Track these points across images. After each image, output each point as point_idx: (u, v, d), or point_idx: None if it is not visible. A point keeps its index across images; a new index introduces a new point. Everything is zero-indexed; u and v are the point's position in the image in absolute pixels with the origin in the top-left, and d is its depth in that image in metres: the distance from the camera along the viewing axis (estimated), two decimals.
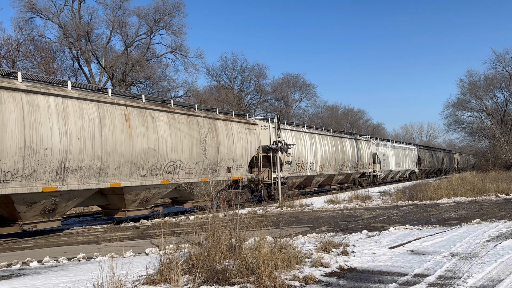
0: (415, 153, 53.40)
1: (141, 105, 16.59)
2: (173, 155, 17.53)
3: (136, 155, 15.89)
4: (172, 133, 17.53)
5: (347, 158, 33.78)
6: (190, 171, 18.55)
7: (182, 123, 18.25)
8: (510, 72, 55.18)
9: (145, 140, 16.25)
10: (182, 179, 17.90)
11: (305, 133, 28.33)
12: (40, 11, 37.45)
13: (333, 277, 6.81)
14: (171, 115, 17.80)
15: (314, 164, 28.76)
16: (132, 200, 16.42)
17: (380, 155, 40.55)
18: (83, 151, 14.01)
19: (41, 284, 6.97)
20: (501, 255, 7.81)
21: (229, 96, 55.99)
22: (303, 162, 27.25)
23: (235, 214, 8.19)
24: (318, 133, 30.46)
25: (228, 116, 21.70)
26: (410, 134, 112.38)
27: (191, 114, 18.97)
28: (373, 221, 13.98)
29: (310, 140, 28.72)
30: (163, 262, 6.63)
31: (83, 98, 14.29)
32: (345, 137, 34.80)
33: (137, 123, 16.12)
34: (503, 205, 17.05)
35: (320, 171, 29.42)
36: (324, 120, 69.45)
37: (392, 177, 46.62)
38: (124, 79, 40.52)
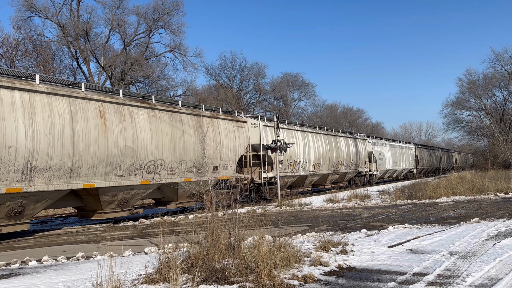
0: (413, 152, 52.68)
1: (119, 101, 15.65)
2: (154, 154, 16.71)
3: (112, 154, 15.03)
4: (153, 130, 16.71)
5: (341, 157, 33.01)
6: (173, 170, 17.74)
7: (164, 120, 17.39)
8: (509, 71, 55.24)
9: (122, 138, 15.39)
10: (164, 179, 17.26)
11: (297, 131, 27.53)
12: (39, 10, 37.42)
13: (332, 276, 6.81)
14: (152, 111, 16.95)
15: (307, 164, 28.05)
16: (108, 201, 15.64)
17: (376, 154, 39.81)
18: (52, 149, 13.12)
19: (40, 283, 6.97)
20: (500, 254, 7.81)
21: (228, 95, 55.99)
22: (295, 162, 26.55)
23: (234, 213, 8.18)
24: (311, 131, 29.68)
25: (214, 113, 20.87)
26: (409, 133, 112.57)
27: (174, 111, 18.09)
28: (372, 220, 13.99)
29: (303, 139, 27.98)
30: (162, 261, 6.63)
31: (52, 93, 13.37)
32: (339, 135, 34.07)
33: (114, 120, 15.23)
34: (502, 204, 17.07)
35: (313, 171, 28.74)
36: (323, 119, 69.48)
37: (389, 177, 45.96)
38: (123, 78, 40.48)
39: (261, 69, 59.78)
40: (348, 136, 35.71)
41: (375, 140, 41.85)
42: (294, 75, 66.05)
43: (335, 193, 24.29)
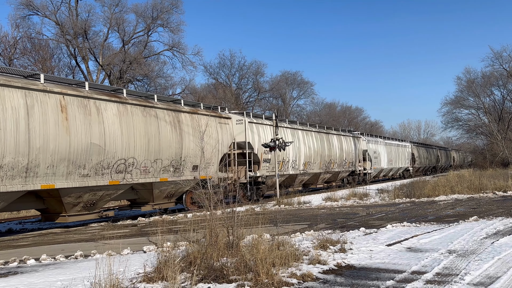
0: (409, 150, 51.96)
1: (84, 94, 14.53)
2: (125, 151, 15.61)
3: (75, 152, 13.90)
4: (123, 126, 15.61)
5: (334, 155, 32.02)
6: (147, 169, 16.67)
7: (136, 115, 16.30)
8: (507, 69, 55.29)
9: (87, 135, 14.29)
10: (137, 179, 16.26)
11: (286, 129, 26.42)
12: (37, 8, 37.35)
13: (331, 274, 6.81)
14: (122, 106, 15.79)
15: (297, 162, 27.01)
16: (73, 203, 14.56)
17: (371, 152, 38.86)
18: (4, 146, 12.04)
19: (38, 282, 6.96)
20: (498, 252, 7.82)
21: (227, 94, 55.96)
22: (284, 160, 25.50)
23: (233, 212, 8.18)
24: (301, 128, 28.55)
25: (195, 109, 19.82)
26: (407, 132, 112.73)
27: (148, 106, 17.01)
28: (371, 218, 13.99)
29: (292, 136, 26.94)
30: (160, 260, 6.62)
31: (4, 84, 12.27)
32: (332, 133, 32.90)
33: (77, 115, 14.09)
34: (500, 203, 17.09)
35: (303, 170, 27.79)
36: (322, 118, 69.53)
37: (385, 175, 45.23)
38: (121, 76, 40.44)
39: (260, 67, 59.90)
40: (341, 133, 34.62)
41: (370, 138, 40.81)
42: (293, 73, 66.17)
43: (333, 192, 24.31)
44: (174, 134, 17.93)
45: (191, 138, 18.84)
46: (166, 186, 17.90)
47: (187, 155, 18.59)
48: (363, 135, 40.40)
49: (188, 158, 18.61)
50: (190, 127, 18.95)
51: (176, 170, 18.02)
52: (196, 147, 18.94)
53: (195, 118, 19.41)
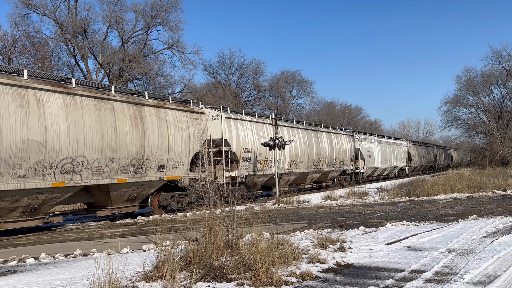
0: (405, 148, 50.21)
1: (20, 83, 12.82)
2: (72, 149, 13.84)
3: (7, 150, 12.23)
4: (70, 121, 13.81)
5: (323, 154, 30.21)
6: (101, 170, 14.94)
7: (88, 108, 14.54)
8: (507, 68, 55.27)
9: (23, 130, 12.61)
10: (88, 181, 14.50)
11: (268, 125, 24.60)
12: (36, 7, 37.28)
13: (330, 273, 6.81)
14: (70, 97, 13.99)
15: (281, 161, 25.25)
16: (9, 208, 12.83)
17: (364, 151, 37.22)
18: None
19: (37, 280, 6.95)
20: (497, 251, 7.82)
21: (227, 93, 55.94)
22: (266, 159, 23.81)
23: (232, 210, 8.17)
24: (286, 125, 26.62)
25: (161, 102, 18.03)
26: (407, 131, 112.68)
27: (103, 98, 15.19)
28: (370, 217, 14.00)
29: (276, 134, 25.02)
30: (160, 259, 6.62)
31: None
32: (321, 130, 31.11)
33: (11, 107, 12.40)
34: (499, 201, 17.10)
35: (289, 169, 25.95)
36: (321, 116, 69.50)
37: (379, 175, 43.47)
38: (121, 75, 40.40)
39: (260, 66, 59.82)
40: (331, 131, 32.86)
41: (363, 136, 39.11)
42: (292, 72, 66.07)
43: (333, 191, 24.32)
44: (135, 130, 16.21)
45: (156, 135, 17.12)
46: (126, 188, 16.20)
47: (151, 153, 16.87)
48: (356, 132, 38.82)
49: (152, 157, 16.93)
50: (156, 122, 17.18)
51: (138, 171, 16.33)
52: (163, 145, 17.35)
53: (161, 112, 17.65)
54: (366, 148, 38.07)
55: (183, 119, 18.78)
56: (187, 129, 18.90)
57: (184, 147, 18.58)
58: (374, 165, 39.70)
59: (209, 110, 21.05)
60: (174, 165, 18.10)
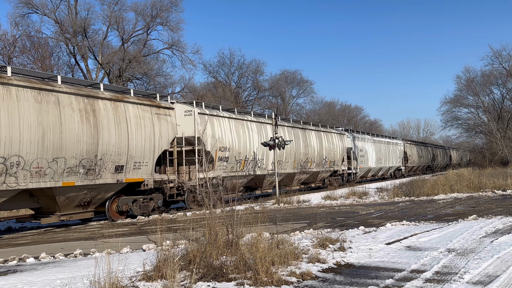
0: (401, 148, 48.68)
1: None
2: (5, 148, 12.24)
3: None
4: (2, 115, 12.23)
5: (312, 153, 28.47)
6: (42, 171, 13.23)
7: (25, 100, 12.84)
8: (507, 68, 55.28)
9: None
10: (25, 184, 12.81)
11: (250, 122, 23.04)
12: (36, 6, 37.28)
13: (330, 273, 6.81)
14: (3, 88, 12.41)
15: (264, 161, 23.71)
16: None
17: (357, 150, 35.71)
18: None
19: (37, 280, 6.96)
20: (497, 251, 7.83)
21: (227, 93, 55.94)
22: (246, 159, 22.19)
23: (232, 210, 8.18)
24: (269, 123, 24.68)
25: (120, 96, 16.10)
26: (407, 131, 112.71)
27: (45, 89, 13.53)
28: (370, 217, 14.00)
29: (258, 132, 23.43)
30: (160, 258, 6.62)
31: None
32: (309, 128, 29.34)
33: None
34: (499, 201, 17.10)
35: (272, 170, 24.16)
36: (321, 116, 69.51)
37: (373, 175, 41.86)
38: (121, 75, 40.41)
39: (260, 66, 59.80)
40: (321, 129, 31.07)
41: (355, 134, 37.45)
42: (292, 72, 66.07)
43: (333, 190, 24.33)
44: (85, 126, 14.44)
45: (112, 132, 15.33)
46: (75, 192, 14.49)
47: (106, 152, 15.10)
48: (348, 131, 36.86)
49: (107, 157, 15.17)
50: (112, 118, 15.39)
51: (90, 172, 14.56)
52: (121, 143, 15.62)
53: (120, 107, 15.83)
54: (359, 147, 36.63)
55: (147, 114, 17.06)
56: (151, 125, 17.16)
57: (148, 146, 16.87)
58: (368, 165, 38.18)
59: (181, 106, 19.48)
60: (135, 166, 16.37)
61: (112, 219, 16.04)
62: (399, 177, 45.48)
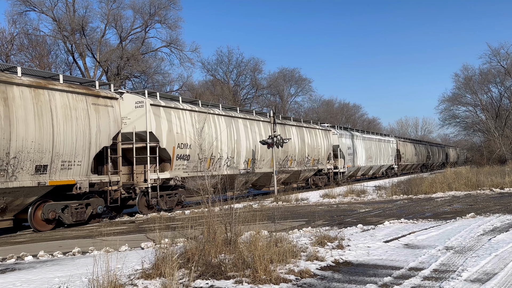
0: (394, 146, 46.48)
1: None
2: None
3: None
4: None
5: (292, 151, 26.06)
6: None
7: None
8: (505, 67, 55.35)
9: None
10: None
11: (218, 116, 20.60)
12: (34, 4, 37.17)
13: (328, 270, 6.82)
14: None
15: (235, 159, 21.41)
16: None
17: (344, 148, 33.58)
18: None
19: (35, 278, 6.95)
20: (495, 249, 7.85)
21: (225, 91, 55.89)
22: (213, 157, 19.81)
23: (231, 208, 8.18)
24: (242, 117, 22.31)
25: (43, 82, 13.46)
26: (405, 129, 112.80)
27: None
28: (368, 215, 14.02)
29: (228, 127, 20.89)
30: (158, 256, 6.62)
31: None
32: (289, 124, 26.86)
33: None
34: (497, 199, 17.14)
35: (245, 169, 22.06)
36: (319, 114, 69.50)
37: (363, 174, 39.80)
38: (119, 73, 40.33)
39: (258, 64, 59.74)
40: (303, 125, 28.63)
41: (343, 131, 35.07)
42: (290, 70, 66.00)
43: (331, 189, 24.34)
44: None
45: (31, 125, 12.82)
46: None
47: (22, 150, 12.55)
48: (335, 127, 34.46)
49: (24, 155, 12.62)
50: (31, 108, 12.87)
51: (0, 173, 12.13)
52: (43, 139, 13.11)
53: (43, 95, 13.32)
54: (347, 145, 34.45)
55: (80, 105, 14.44)
56: (86, 117, 14.55)
57: (81, 142, 14.29)
58: (356, 163, 35.98)
59: (131, 96, 17.13)
60: (64, 166, 13.80)
61: (37, 229, 13.60)
62: (391, 176, 43.81)
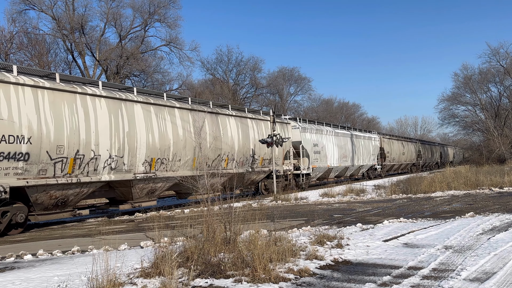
0: (376, 143, 41.17)
1: None
2: None
3: None
4: None
5: (228, 148, 20.61)
6: None
7: None
8: (504, 66, 55.44)
9: None
10: None
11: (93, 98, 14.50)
12: (34, 3, 37.16)
13: (328, 269, 6.83)
14: None
15: (126, 159, 15.52)
16: None
17: (309, 145, 27.94)
18: None
19: (35, 277, 6.95)
20: (494, 248, 7.85)
21: (224, 90, 55.88)
22: (79, 156, 13.85)
23: (230, 207, 8.18)
24: (142, 101, 16.40)
25: None
26: (404, 128, 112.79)
27: None
28: (368, 214, 14.02)
29: (112, 113, 15.03)
30: (157, 255, 6.62)
31: None
32: (223, 113, 20.91)
33: None
34: (496, 199, 17.15)
35: (146, 172, 16.40)
36: (319, 113, 69.52)
37: (338, 176, 34.56)
38: (118, 72, 40.31)
39: (257, 63, 59.78)
40: (247, 115, 22.84)
41: (307, 125, 29.47)
42: (290, 69, 66.02)
43: (330, 188, 24.34)
44: None
45: None
46: None
47: None
48: (297, 120, 28.89)
49: None
50: None
51: None
52: None
53: None
54: (313, 141, 28.93)
55: None
56: None
57: None
58: (326, 163, 30.53)
59: None
60: None
61: None
62: (374, 178, 39.14)
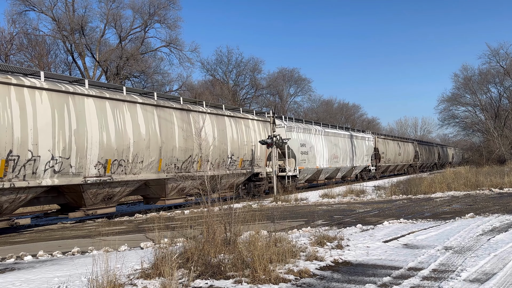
0: (370, 144, 39.64)
1: None
2: None
3: None
4: None
5: (195, 147, 18.44)
6: None
7: None
8: (504, 67, 55.43)
9: None
10: None
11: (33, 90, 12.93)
12: (34, 4, 37.17)
13: (328, 270, 6.83)
14: None
15: (74, 161, 14.01)
16: None
17: (295, 145, 26.27)
18: None
19: (35, 278, 6.95)
20: (494, 249, 7.85)
21: (224, 91, 55.89)
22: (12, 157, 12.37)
23: (230, 208, 8.18)
24: (95, 95, 14.84)
25: None
26: (404, 129, 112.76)
27: None
28: (368, 215, 14.02)
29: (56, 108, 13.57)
30: (157, 256, 6.62)
31: None
32: (197, 110, 19.49)
33: None
34: (496, 199, 17.15)
35: (99, 175, 14.89)
36: (319, 114, 69.50)
37: (329, 178, 32.65)
38: (118, 72, 40.31)
39: (257, 64, 59.78)
40: (224, 113, 21.37)
41: (294, 123, 27.90)
42: (290, 70, 66.02)
43: (330, 188, 24.33)
44: None
45: None
46: None
47: None
48: (283, 119, 27.32)
49: None
50: None
51: None
52: None
53: None
54: (300, 141, 27.24)
55: None
56: None
57: None
58: (315, 165, 28.89)
59: None
60: None
61: None
62: (368, 179, 37.85)
